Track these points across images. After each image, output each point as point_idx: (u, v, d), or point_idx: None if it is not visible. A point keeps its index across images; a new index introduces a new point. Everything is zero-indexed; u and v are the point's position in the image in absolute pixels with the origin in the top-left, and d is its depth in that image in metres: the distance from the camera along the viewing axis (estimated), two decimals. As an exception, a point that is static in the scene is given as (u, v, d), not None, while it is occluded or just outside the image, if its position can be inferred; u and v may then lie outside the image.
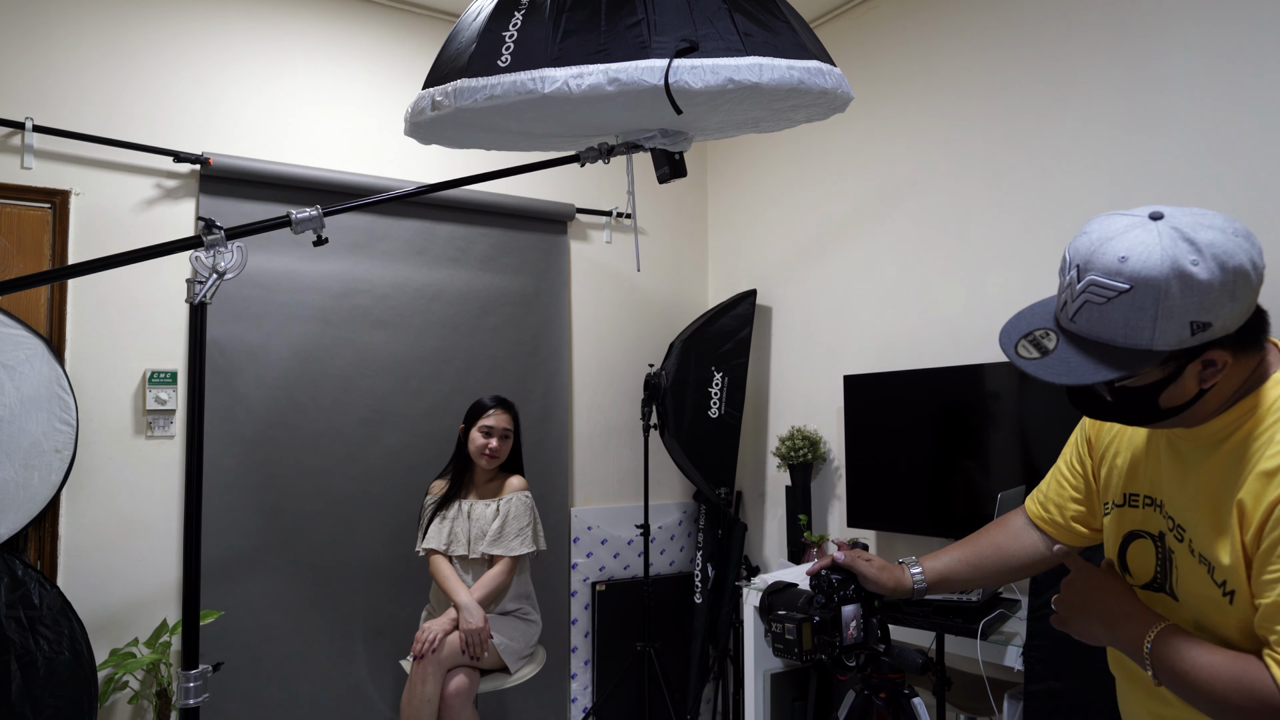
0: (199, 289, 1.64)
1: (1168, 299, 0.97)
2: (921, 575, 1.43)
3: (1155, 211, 1.01)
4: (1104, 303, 1.00)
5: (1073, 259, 1.04)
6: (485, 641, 2.68)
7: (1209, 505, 1.07)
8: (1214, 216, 1.00)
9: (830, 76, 1.71)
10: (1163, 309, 0.97)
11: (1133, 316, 0.99)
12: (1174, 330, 0.98)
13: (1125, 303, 0.99)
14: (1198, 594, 1.09)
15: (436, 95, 1.70)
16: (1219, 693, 1.01)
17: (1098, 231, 1.03)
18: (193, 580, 1.66)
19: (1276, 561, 0.97)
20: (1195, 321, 0.98)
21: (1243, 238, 0.99)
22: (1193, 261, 0.96)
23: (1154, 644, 1.07)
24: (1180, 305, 0.97)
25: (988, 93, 2.89)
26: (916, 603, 2.42)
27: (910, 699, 1.57)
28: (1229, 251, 0.97)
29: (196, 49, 2.95)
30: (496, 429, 2.89)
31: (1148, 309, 0.98)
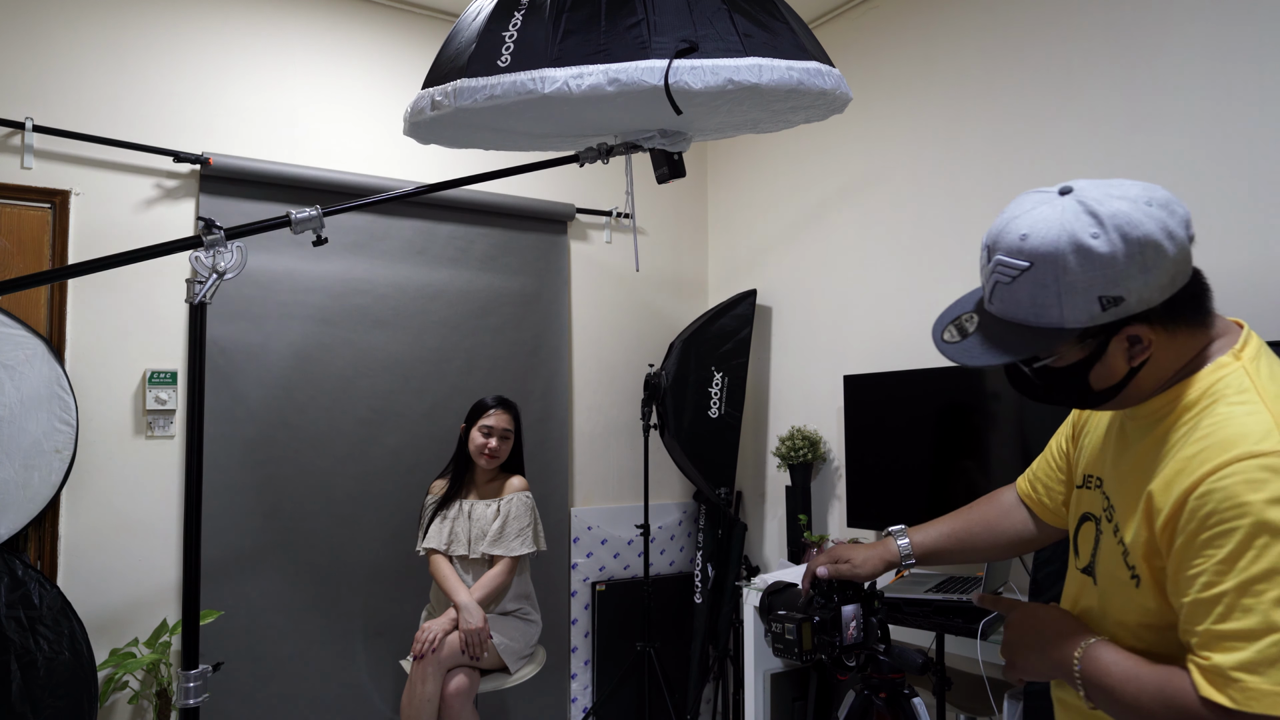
0: (199, 289, 1.65)
1: (1067, 274, 0.95)
2: (908, 545, 1.43)
3: (1066, 187, 0.99)
4: (1010, 282, 0.99)
5: (985, 240, 1.03)
6: (485, 642, 2.68)
7: (1131, 487, 1.04)
8: (1131, 186, 0.97)
9: (829, 78, 1.71)
10: (1064, 284, 0.95)
11: (1038, 294, 0.97)
12: (1082, 306, 0.96)
13: (1029, 280, 0.97)
14: (1111, 574, 1.06)
15: (436, 95, 1.71)
16: (1145, 707, 0.96)
17: (1009, 210, 1.02)
18: (193, 580, 1.66)
19: (1196, 559, 0.91)
20: (1104, 296, 0.95)
21: (1158, 206, 0.95)
22: (1093, 235, 0.94)
23: (1082, 660, 1.03)
24: (1083, 279, 0.95)
25: (988, 93, 2.89)
26: (916, 602, 2.42)
27: (910, 699, 1.57)
28: (1134, 221, 0.94)
29: (196, 49, 2.95)
30: (497, 429, 2.89)
31: (1050, 285, 0.96)
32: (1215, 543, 0.90)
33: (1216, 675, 0.88)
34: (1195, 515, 0.91)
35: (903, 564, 1.45)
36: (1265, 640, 0.86)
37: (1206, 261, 2.31)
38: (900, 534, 1.45)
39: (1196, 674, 0.91)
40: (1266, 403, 0.94)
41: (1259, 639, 0.86)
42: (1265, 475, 0.88)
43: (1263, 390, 0.96)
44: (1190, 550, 0.92)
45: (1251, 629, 0.87)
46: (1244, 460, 0.90)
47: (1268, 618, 0.86)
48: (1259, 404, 0.94)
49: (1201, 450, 0.94)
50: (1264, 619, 0.86)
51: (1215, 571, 0.89)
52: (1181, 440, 0.97)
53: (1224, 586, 0.89)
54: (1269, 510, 0.87)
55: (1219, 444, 0.93)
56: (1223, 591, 0.89)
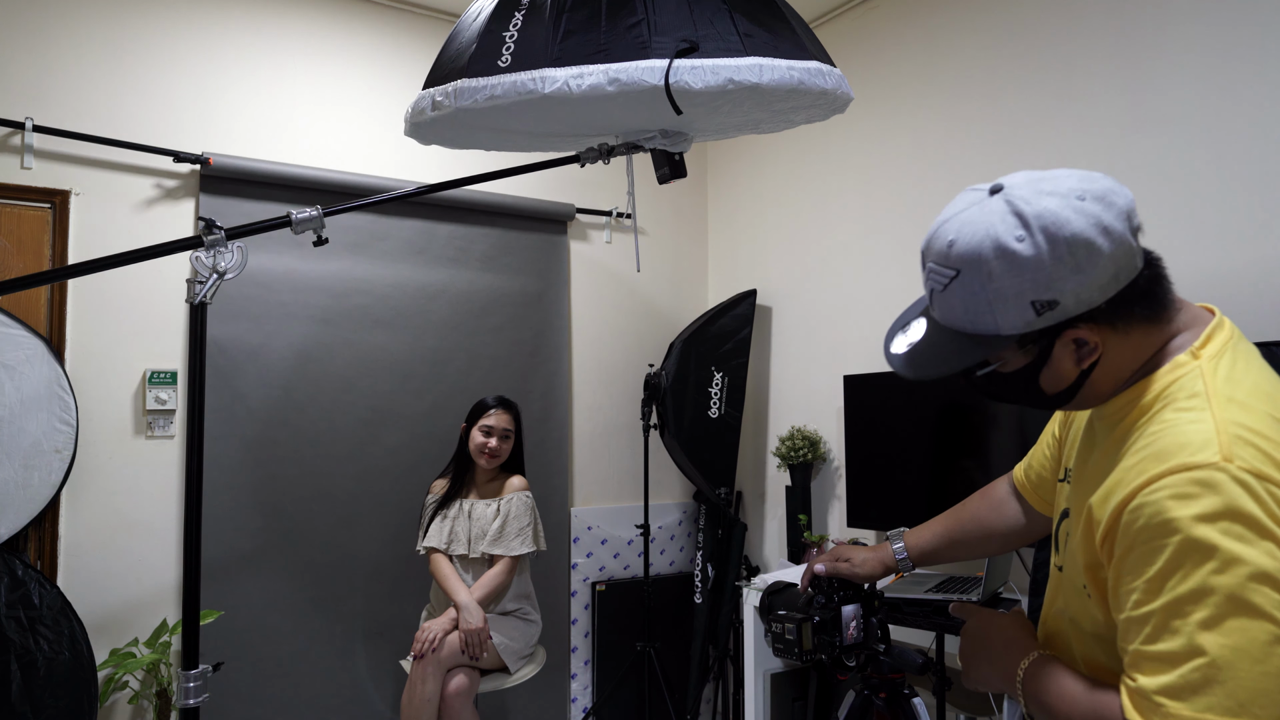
0: (199, 289, 1.65)
1: (992, 280, 0.90)
2: (904, 549, 1.44)
3: (997, 184, 0.94)
4: (943, 289, 0.95)
5: (923, 244, 0.99)
6: (485, 641, 2.68)
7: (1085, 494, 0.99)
8: (1066, 179, 0.91)
9: (830, 77, 1.71)
10: (992, 291, 0.91)
11: (969, 301, 0.93)
12: (1015, 312, 0.91)
13: (959, 288, 0.93)
14: (1071, 581, 1.02)
15: (437, 95, 1.71)
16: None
17: (941, 214, 0.97)
18: (193, 580, 1.66)
19: (1128, 575, 0.87)
20: (1036, 301, 0.90)
21: (1092, 200, 0.89)
22: (1017, 238, 0.89)
23: (1024, 674, 1.01)
24: (1011, 285, 0.90)
25: (988, 93, 2.89)
26: (916, 602, 2.42)
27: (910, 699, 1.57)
28: (1061, 221, 0.88)
29: (196, 49, 2.95)
30: (497, 429, 2.89)
31: (978, 292, 0.91)
32: (1146, 559, 0.85)
33: (1141, 698, 0.84)
34: (1129, 530, 0.87)
35: (900, 567, 1.45)
36: (1188, 665, 0.81)
37: (1206, 262, 2.31)
38: (897, 538, 1.46)
39: (1124, 695, 0.87)
40: (1214, 408, 0.88)
41: (1183, 663, 0.82)
42: (1196, 490, 0.83)
43: (1214, 394, 0.89)
44: (1124, 565, 0.88)
45: (1175, 651, 0.82)
46: (1176, 474, 0.85)
47: (1192, 640, 0.81)
48: (1205, 410, 0.88)
49: (1139, 461, 0.89)
50: (1188, 642, 0.82)
51: (1144, 590, 0.85)
52: (1127, 449, 0.92)
53: (1152, 606, 0.84)
54: (1198, 527, 0.82)
55: (1156, 454, 0.88)
56: (1151, 611, 0.84)
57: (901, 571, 1.47)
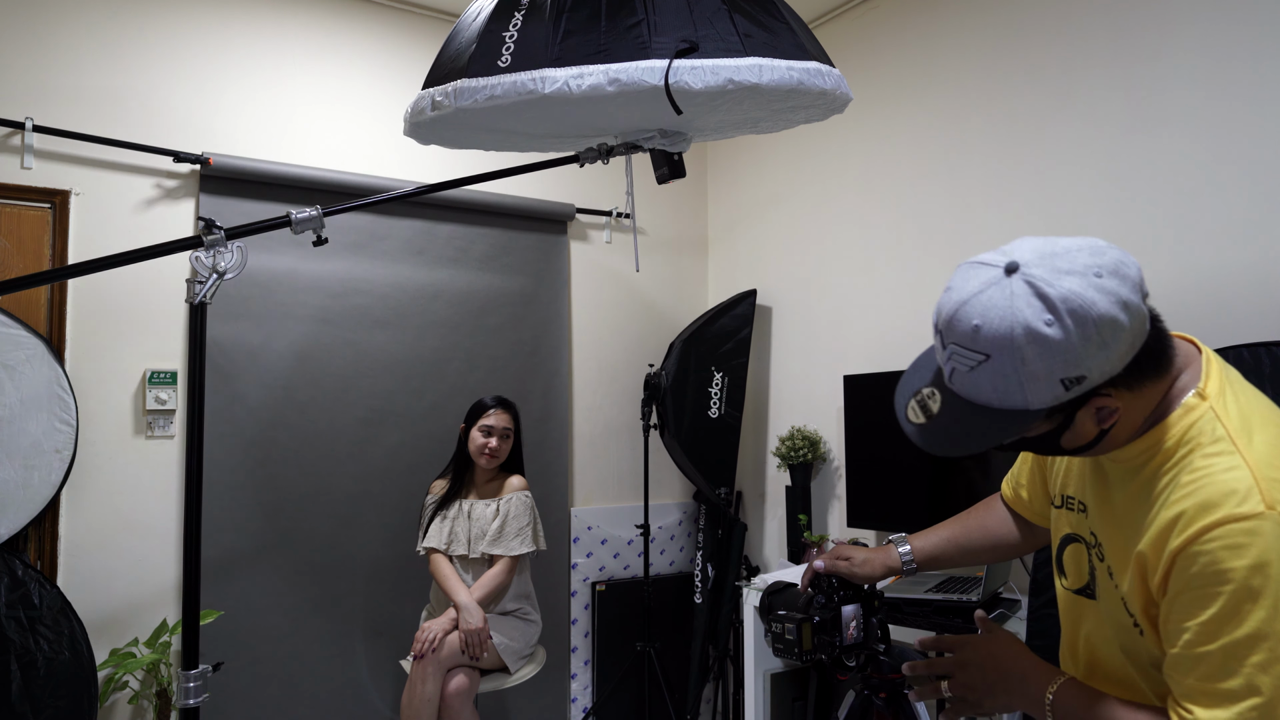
0: (199, 289, 1.65)
1: (1026, 364, 0.92)
2: (910, 553, 1.45)
3: (1012, 263, 0.95)
4: (969, 370, 0.96)
5: (936, 320, 0.99)
6: (485, 642, 2.68)
7: (1119, 539, 1.05)
8: (1077, 255, 0.93)
9: (829, 78, 1.71)
10: (1025, 373, 0.93)
11: (999, 382, 0.95)
12: (1045, 390, 0.94)
13: (989, 370, 0.94)
14: (1114, 619, 1.08)
15: (436, 95, 1.70)
16: None
17: (956, 292, 0.97)
18: (193, 580, 1.66)
19: (1183, 617, 0.94)
20: (1066, 378, 0.93)
21: (1109, 276, 0.92)
22: (1046, 322, 0.91)
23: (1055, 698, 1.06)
24: (1043, 367, 0.92)
25: (988, 93, 2.89)
26: (916, 602, 2.42)
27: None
28: (1088, 303, 0.91)
29: (196, 49, 2.95)
30: (497, 428, 2.89)
31: (1010, 375, 0.93)
32: (1201, 603, 0.92)
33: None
34: (1182, 574, 0.93)
35: (904, 569, 1.46)
36: (1245, 703, 0.89)
37: (1206, 262, 2.31)
38: (901, 541, 1.47)
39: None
40: (1243, 453, 0.94)
41: (1240, 700, 0.89)
42: (1246, 540, 0.90)
43: (1236, 437, 0.96)
44: (1176, 605, 0.94)
45: (1234, 690, 0.90)
46: (1227, 524, 0.91)
47: (1250, 681, 0.89)
48: (1235, 455, 0.94)
49: (1185, 511, 0.94)
50: (1246, 682, 0.89)
51: (1200, 632, 0.92)
52: (1164, 495, 0.98)
53: (1209, 648, 0.91)
54: (1253, 577, 0.89)
55: (1203, 505, 0.93)
56: (1207, 652, 0.91)
57: (903, 574, 1.47)
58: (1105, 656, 1.13)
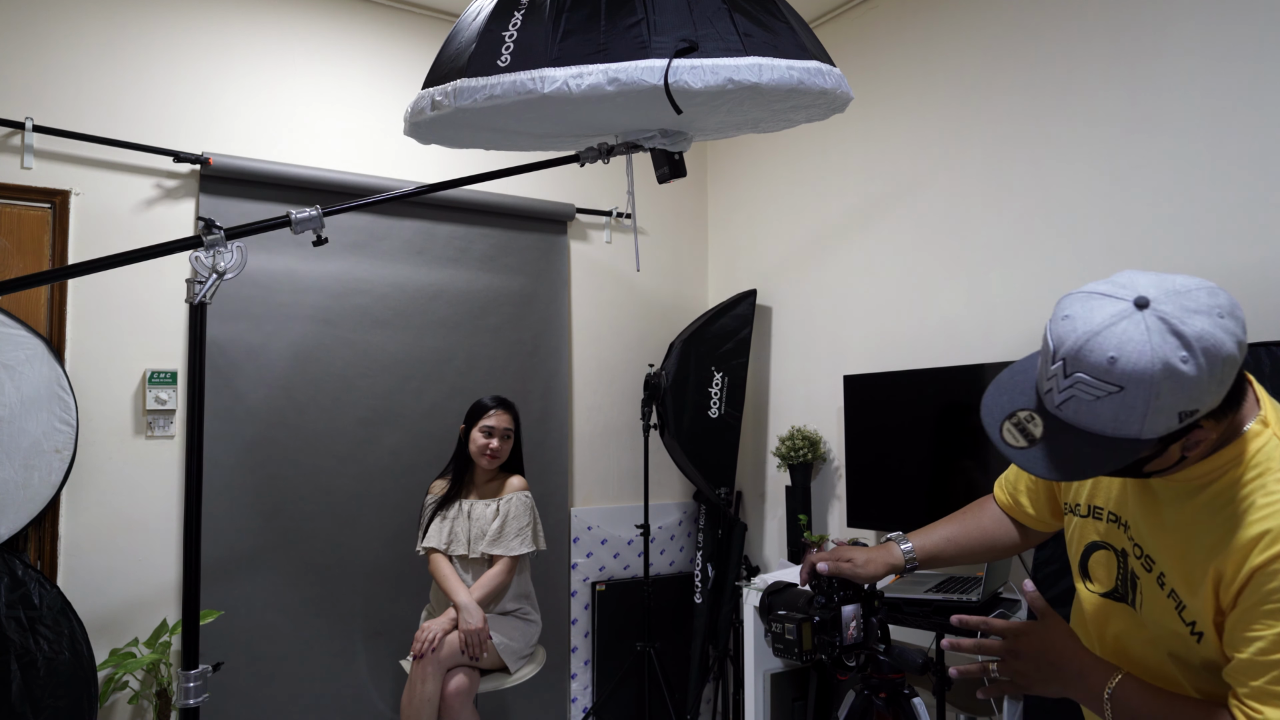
0: (199, 289, 1.64)
1: (1159, 398, 0.95)
2: (912, 550, 1.46)
3: (1141, 298, 0.97)
4: (1093, 400, 0.97)
5: (1056, 348, 1.00)
6: (485, 642, 2.68)
7: (1184, 553, 1.08)
8: (1198, 295, 0.97)
9: (830, 77, 1.71)
10: (1153, 407, 0.95)
11: (1122, 413, 0.96)
12: (1162, 422, 0.96)
13: (1116, 401, 0.96)
14: (1163, 625, 1.11)
15: (436, 95, 1.70)
16: None
17: (1082, 322, 0.98)
18: (193, 580, 1.66)
19: (1255, 625, 0.99)
20: (1183, 411, 0.96)
21: (1229, 318, 0.96)
22: (1183, 359, 0.94)
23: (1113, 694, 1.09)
24: (1170, 401, 0.95)
25: (988, 93, 2.89)
26: (916, 602, 2.42)
27: (910, 699, 1.57)
28: (1218, 343, 0.94)
29: (196, 49, 2.95)
30: (497, 429, 2.89)
31: (1138, 407, 0.95)
32: (1277, 616, 0.98)
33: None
34: (1259, 589, 0.99)
35: (906, 567, 1.46)
36: None
37: (1206, 261, 2.31)
38: (901, 539, 1.47)
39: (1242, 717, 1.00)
40: None
41: None
42: None
43: None
44: (1251, 616, 1.00)
45: None
46: None
47: None
48: None
49: (1270, 530, 0.99)
50: None
51: (1274, 641, 0.98)
52: (1242, 514, 1.02)
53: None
54: None
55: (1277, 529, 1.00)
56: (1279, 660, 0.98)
57: (904, 572, 1.47)
58: (1140, 655, 1.17)
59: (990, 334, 2.85)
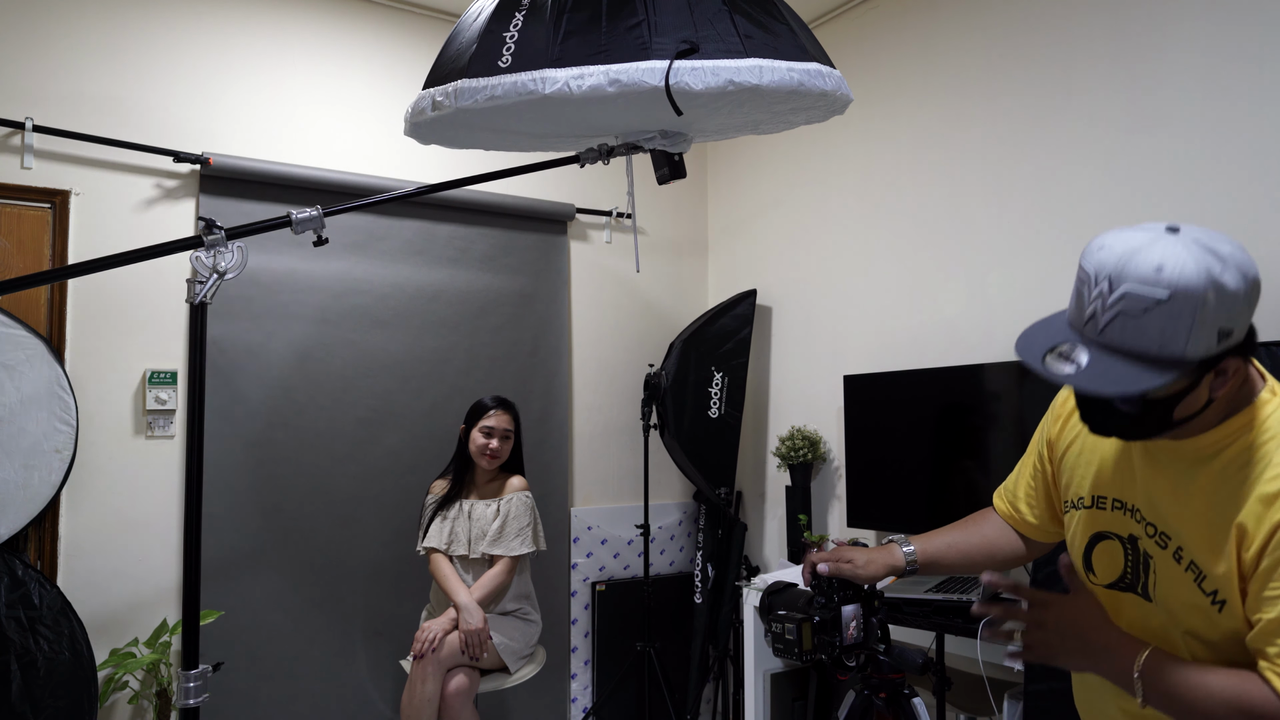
0: (199, 289, 1.65)
1: (1204, 308, 0.96)
2: (914, 552, 1.46)
3: (1170, 226, 1.02)
4: (1140, 314, 0.99)
5: (1099, 272, 1.02)
6: (485, 642, 2.68)
7: (1203, 518, 1.08)
8: (1216, 232, 1.03)
9: (830, 79, 1.71)
10: (1199, 318, 0.97)
11: (1168, 326, 0.98)
12: (1205, 339, 0.98)
13: (1162, 313, 0.98)
14: (1181, 600, 1.11)
15: (437, 95, 1.71)
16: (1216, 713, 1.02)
17: (1120, 245, 1.01)
18: (193, 580, 1.66)
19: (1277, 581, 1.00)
20: (1222, 329, 0.98)
21: (1244, 252, 1.02)
22: (1222, 271, 0.97)
23: (1144, 668, 1.08)
24: (1214, 314, 0.97)
25: (988, 93, 2.89)
26: (916, 602, 2.42)
27: (910, 699, 1.57)
28: (1246, 263, 0.99)
29: (196, 49, 2.95)
30: (497, 429, 2.89)
31: (1184, 318, 0.97)
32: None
33: None
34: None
35: (906, 569, 1.46)
36: None
37: (1206, 262, 2.31)
38: (904, 541, 1.48)
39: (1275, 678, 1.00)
40: None
41: None
42: None
43: None
44: (1274, 575, 1.00)
45: None
46: None
47: None
48: None
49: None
50: None
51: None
52: (1259, 474, 1.03)
53: None
54: None
55: None
56: None
57: (905, 573, 1.47)
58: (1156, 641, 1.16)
59: (990, 334, 2.85)
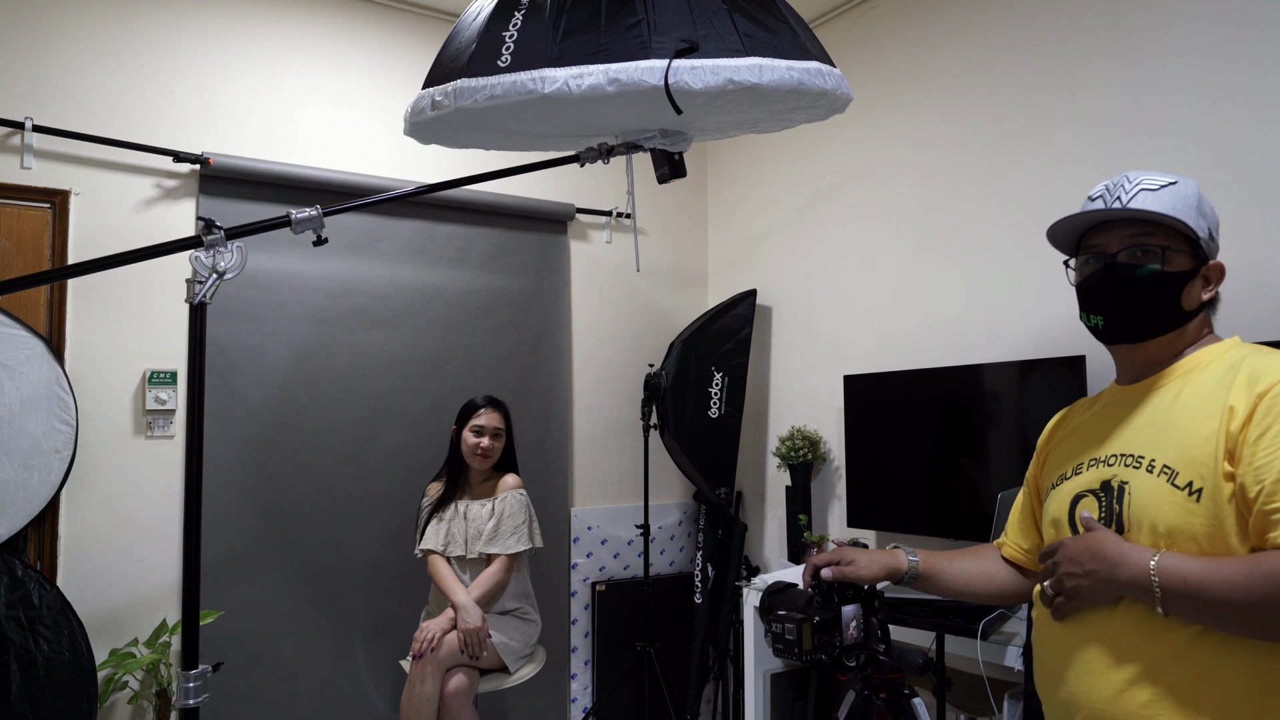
0: (199, 289, 1.64)
1: (1201, 200, 1.27)
2: (916, 559, 1.48)
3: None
4: (1158, 189, 1.26)
5: (1119, 179, 1.30)
6: (484, 641, 2.68)
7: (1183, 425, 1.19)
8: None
9: (830, 77, 1.71)
10: (1198, 205, 1.26)
11: (1179, 200, 1.25)
12: (1204, 226, 1.26)
13: (1174, 191, 1.26)
14: (1157, 503, 1.17)
15: (436, 95, 1.70)
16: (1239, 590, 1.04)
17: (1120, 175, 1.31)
18: (193, 580, 1.66)
19: (1267, 446, 1.08)
20: (1211, 230, 1.27)
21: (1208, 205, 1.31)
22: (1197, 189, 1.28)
23: (1159, 569, 1.11)
24: (1207, 212, 1.27)
25: (988, 93, 2.89)
26: (916, 602, 2.42)
27: (910, 699, 1.57)
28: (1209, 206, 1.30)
29: (196, 49, 2.95)
30: (488, 428, 2.89)
31: (1189, 198, 1.26)
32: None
33: None
34: (1271, 410, 1.10)
35: (906, 575, 1.46)
36: None
37: (1206, 261, 2.31)
38: (910, 550, 1.49)
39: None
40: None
41: None
42: None
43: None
44: (1266, 438, 1.09)
45: None
46: None
47: None
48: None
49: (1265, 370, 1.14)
50: None
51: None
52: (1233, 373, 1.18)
53: None
54: None
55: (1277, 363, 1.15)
56: None
57: (904, 578, 1.47)
58: None
59: (990, 334, 2.85)
